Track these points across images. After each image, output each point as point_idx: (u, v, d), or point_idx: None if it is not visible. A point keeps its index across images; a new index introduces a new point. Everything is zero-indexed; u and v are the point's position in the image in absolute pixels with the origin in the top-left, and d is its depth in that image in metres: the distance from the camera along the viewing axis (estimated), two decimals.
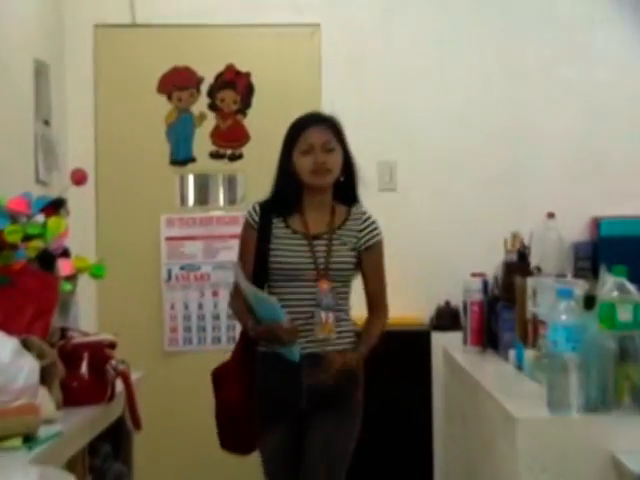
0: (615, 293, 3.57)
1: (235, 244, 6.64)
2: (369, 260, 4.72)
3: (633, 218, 6.33)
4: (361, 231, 4.68)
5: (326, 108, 5.30)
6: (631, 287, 3.58)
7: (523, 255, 5.39)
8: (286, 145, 4.67)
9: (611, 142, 6.71)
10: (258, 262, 4.65)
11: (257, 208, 4.71)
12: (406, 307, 6.28)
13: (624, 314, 3.53)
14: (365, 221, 4.71)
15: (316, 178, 4.55)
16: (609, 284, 3.65)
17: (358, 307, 4.80)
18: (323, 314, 4.54)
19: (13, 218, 4.37)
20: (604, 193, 6.48)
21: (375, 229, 4.72)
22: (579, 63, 6.78)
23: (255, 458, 4.84)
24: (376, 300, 4.78)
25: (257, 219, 4.68)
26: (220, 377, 4.91)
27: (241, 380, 4.73)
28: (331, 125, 4.66)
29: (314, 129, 4.59)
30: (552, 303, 3.75)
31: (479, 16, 6.89)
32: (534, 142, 6.74)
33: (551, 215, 5.52)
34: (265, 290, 4.65)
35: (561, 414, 3.59)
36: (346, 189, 4.75)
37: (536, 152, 6.72)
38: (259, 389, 4.70)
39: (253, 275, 4.63)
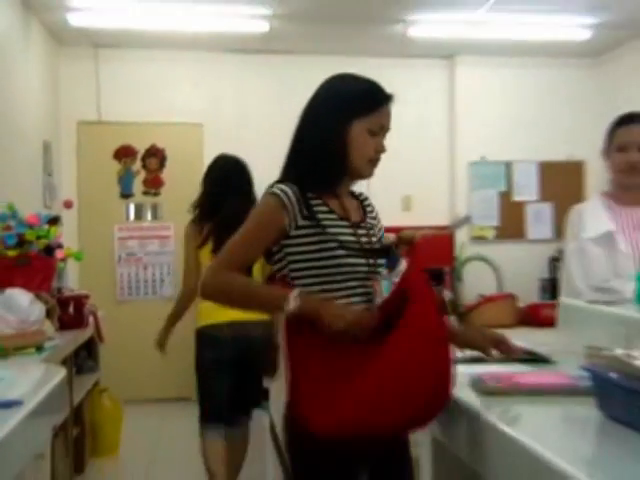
0: None
1: (156, 242, 6.67)
2: None
3: None
4: (378, 220, 2.19)
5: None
6: None
7: None
8: (345, 111, 1.97)
9: None
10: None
11: (294, 188, 1.93)
12: None
13: None
14: (373, 207, 2.21)
15: (370, 169, 2.03)
16: None
17: None
18: None
19: (30, 226, 4.33)
20: None
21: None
22: None
23: None
24: None
25: (295, 201, 1.91)
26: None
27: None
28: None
29: (389, 108, 2.03)
30: None
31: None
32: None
33: None
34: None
35: None
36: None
37: None
38: None
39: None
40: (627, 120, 3.02)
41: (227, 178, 3.97)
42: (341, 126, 1.96)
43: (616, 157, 3.00)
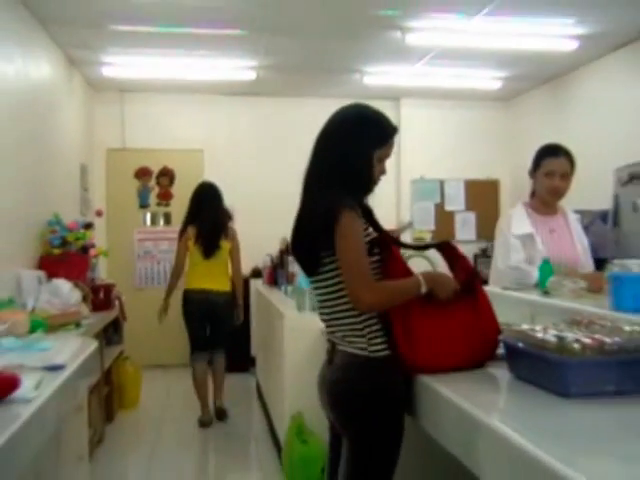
0: None
1: (167, 243, 6.62)
2: None
3: None
4: None
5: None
6: None
7: (287, 248, 5.41)
8: (369, 143, 1.85)
9: None
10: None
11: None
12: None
13: None
14: None
15: (374, 188, 1.92)
16: None
17: None
18: None
19: (70, 230, 4.30)
20: None
21: None
22: None
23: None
24: None
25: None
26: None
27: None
28: None
29: (394, 140, 1.91)
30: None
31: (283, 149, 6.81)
32: None
33: None
34: None
35: (301, 312, 3.51)
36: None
37: None
38: None
39: None
40: (554, 152, 3.05)
41: (203, 198, 4.71)
42: (370, 159, 1.85)
43: (544, 181, 3.06)
